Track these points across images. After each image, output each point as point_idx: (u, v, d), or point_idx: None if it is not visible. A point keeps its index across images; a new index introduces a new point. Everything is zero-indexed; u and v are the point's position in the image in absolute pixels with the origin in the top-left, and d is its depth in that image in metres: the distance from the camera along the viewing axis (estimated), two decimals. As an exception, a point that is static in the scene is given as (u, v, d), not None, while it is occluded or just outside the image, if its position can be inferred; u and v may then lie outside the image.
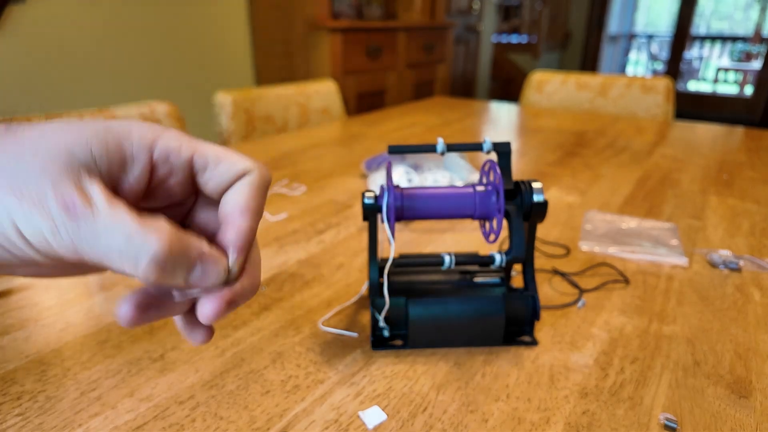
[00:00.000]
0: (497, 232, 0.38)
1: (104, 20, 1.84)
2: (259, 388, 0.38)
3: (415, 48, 2.73)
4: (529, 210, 0.39)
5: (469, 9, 3.68)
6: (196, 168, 0.22)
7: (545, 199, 0.39)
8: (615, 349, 0.43)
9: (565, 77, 1.67)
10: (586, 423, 0.35)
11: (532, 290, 0.43)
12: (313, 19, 2.19)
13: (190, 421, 0.35)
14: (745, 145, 1.16)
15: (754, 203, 0.78)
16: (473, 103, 1.69)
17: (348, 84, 2.32)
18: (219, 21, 2.24)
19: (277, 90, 1.39)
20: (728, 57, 5.93)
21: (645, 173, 0.93)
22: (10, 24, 1.61)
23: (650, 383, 0.39)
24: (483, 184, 0.41)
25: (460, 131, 1.28)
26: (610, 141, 1.18)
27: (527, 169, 0.95)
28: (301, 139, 1.19)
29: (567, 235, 0.65)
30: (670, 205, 0.77)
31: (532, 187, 0.39)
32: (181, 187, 0.22)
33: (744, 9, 5.99)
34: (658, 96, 1.52)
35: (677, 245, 0.62)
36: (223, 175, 0.22)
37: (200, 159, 0.21)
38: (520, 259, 0.40)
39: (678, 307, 0.49)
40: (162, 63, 2.06)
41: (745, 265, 0.58)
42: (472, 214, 0.39)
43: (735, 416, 0.36)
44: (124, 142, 0.19)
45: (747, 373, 0.40)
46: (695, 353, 0.43)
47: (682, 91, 5.60)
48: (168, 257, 0.18)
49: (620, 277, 0.55)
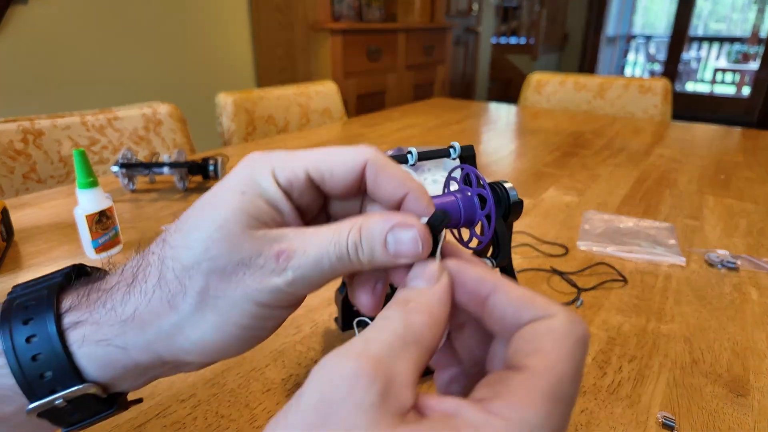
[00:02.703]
0: (487, 238, 0.37)
1: (106, 21, 1.84)
2: (260, 387, 0.38)
3: (414, 49, 2.74)
4: (508, 211, 0.39)
5: (468, 11, 3.69)
6: (317, 181, 0.22)
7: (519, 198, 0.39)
8: (613, 348, 0.43)
9: (563, 78, 1.67)
10: (585, 421, 0.35)
11: None
12: (314, 20, 2.20)
13: (192, 419, 0.35)
14: (743, 145, 1.17)
15: (751, 203, 0.78)
16: (472, 105, 1.70)
17: (348, 85, 2.33)
18: (220, 22, 2.24)
19: (278, 91, 1.39)
20: (726, 58, 5.95)
21: (643, 173, 0.93)
22: (12, 24, 1.61)
23: (648, 382, 0.39)
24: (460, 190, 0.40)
25: (459, 132, 1.28)
26: (608, 141, 1.18)
27: (526, 170, 0.96)
28: (301, 139, 1.19)
29: (565, 235, 0.66)
30: (667, 205, 0.77)
31: (506, 187, 0.39)
32: (315, 201, 0.23)
33: (741, 10, 6.01)
34: (656, 97, 1.53)
35: (675, 245, 0.62)
36: (344, 179, 0.22)
37: (315, 172, 0.22)
38: (507, 261, 0.40)
39: (676, 306, 0.50)
40: (164, 64, 2.07)
41: (742, 264, 0.58)
42: (458, 223, 0.38)
43: (732, 414, 0.36)
44: (262, 194, 0.21)
45: (744, 371, 0.41)
46: (693, 352, 0.43)
47: (680, 91, 5.62)
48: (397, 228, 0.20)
49: (618, 276, 0.55)
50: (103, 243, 0.58)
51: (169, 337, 0.20)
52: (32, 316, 0.21)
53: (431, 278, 0.19)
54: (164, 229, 0.66)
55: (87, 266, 0.25)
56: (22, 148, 0.92)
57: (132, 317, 0.21)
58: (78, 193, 0.56)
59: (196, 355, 0.21)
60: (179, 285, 0.20)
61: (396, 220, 0.20)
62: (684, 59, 5.62)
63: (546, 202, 0.78)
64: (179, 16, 2.08)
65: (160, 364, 0.22)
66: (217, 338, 0.21)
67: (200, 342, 0.21)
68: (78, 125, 1.00)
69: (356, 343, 0.16)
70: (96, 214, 0.56)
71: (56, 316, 0.21)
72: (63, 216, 0.71)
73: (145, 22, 1.97)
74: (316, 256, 0.20)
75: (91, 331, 0.21)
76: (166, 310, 0.20)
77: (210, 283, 0.20)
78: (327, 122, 1.50)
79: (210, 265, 0.20)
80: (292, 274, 0.20)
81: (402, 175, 0.22)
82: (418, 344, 0.17)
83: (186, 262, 0.20)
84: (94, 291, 0.22)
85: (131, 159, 0.81)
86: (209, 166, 0.81)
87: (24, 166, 0.92)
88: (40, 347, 0.20)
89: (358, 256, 0.20)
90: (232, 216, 0.20)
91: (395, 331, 0.17)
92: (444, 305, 0.19)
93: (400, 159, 0.38)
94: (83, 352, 0.21)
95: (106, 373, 0.21)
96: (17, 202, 0.76)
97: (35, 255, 0.59)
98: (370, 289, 0.23)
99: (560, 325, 0.17)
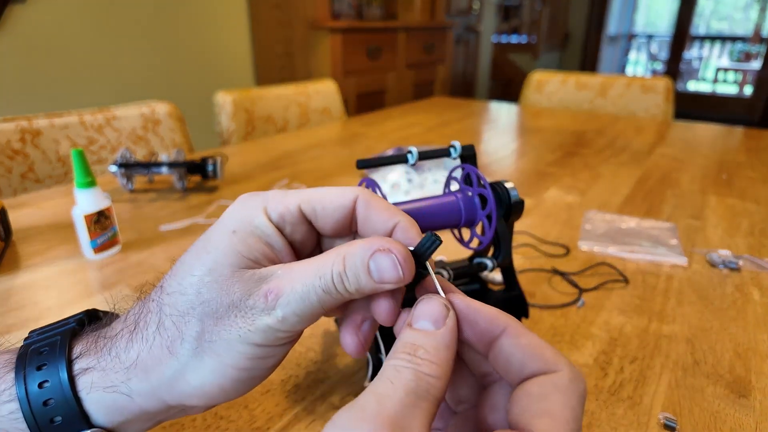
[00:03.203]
0: (487, 238, 0.37)
1: (104, 20, 1.84)
2: (260, 388, 0.38)
3: (415, 48, 2.73)
4: (508, 211, 0.39)
5: (468, 9, 3.69)
6: (309, 216, 0.23)
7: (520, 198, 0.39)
8: (614, 348, 0.43)
9: (564, 77, 1.67)
10: (586, 422, 0.35)
11: (518, 289, 0.43)
12: (314, 19, 2.19)
13: (191, 419, 0.35)
14: (745, 145, 1.17)
15: (753, 203, 0.78)
16: (473, 104, 1.69)
17: (348, 84, 2.33)
18: (219, 21, 2.24)
19: (277, 90, 1.39)
20: (728, 57, 5.94)
21: (644, 173, 0.93)
22: (10, 24, 1.61)
23: (650, 383, 0.39)
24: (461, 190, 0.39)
25: (459, 131, 1.28)
26: (609, 141, 1.18)
27: (527, 169, 0.95)
28: (301, 139, 1.19)
29: (566, 235, 0.65)
30: (669, 204, 0.77)
31: (507, 187, 0.39)
32: (308, 237, 0.24)
33: (743, 9, 5.99)
34: (658, 96, 1.52)
35: (677, 245, 0.62)
36: (334, 214, 0.23)
37: (307, 207, 0.23)
38: (509, 261, 0.40)
39: (677, 306, 0.50)
40: (162, 63, 2.07)
41: (744, 264, 0.58)
42: (458, 223, 0.38)
43: (734, 415, 0.36)
44: (254, 231, 0.22)
45: (746, 372, 0.40)
46: (695, 353, 0.43)
47: (682, 91, 5.61)
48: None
49: (620, 276, 0.55)
50: (102, 243, 0.58)
51: (171, 382, 0.21)
52: (45, 362, 0.21)
53: (439, 319, 0.19)
54: (163, 230, 0.66)
55: (99, 311, 0.26)
56: (20, 148, 0.92)
57: (135, 364, 0.21)
58: (76, 193, 0.56)
59: (198, 399, 0.21)
60: (177, 331, 0.21)
61: (376, 246, 0.20)
62: (686, 58, 5.61)
63: (547, 202, 0.78)
64: (177, 15, 2.08)
65: (166, 409, 0.22)
66: (216, 382, 0.21)
67: (201, 386, 0.21)
68: (76, 125, 1.00)
69: (370, 401, 0.16)
70: (94, 214, 0.56)
71: (68, 362, 0.21)
72: (61, 216, 0.71)
73: (144, 21, 1.97)
74: (303, 292, 0.20)
75: (98, 378, 0.21)
76: (167, 356, 0.21)
77: (205, 327, 0.20)
78: (326, 121, 1.50)
79: (203, 309, 0.20)
80: (282, 312, 0.20)
81: (391, 207, 0.23)
82: (429, 397, 0.17)
83: (181, 308, 0.21)
84: (102, 338, 0.22)
85: (130, 159, 0.81)
86: (208, 165, 0.81)
87: (22, 165, 0.92)
88: (52, 393, 0.21)
89: (345, 286, 0.20)
90: (222, 258, 0.21)
91: (407, 386, 0.17)
92: (452, 350, 0.19)
93: (400, 158, 0.38)
94: (91, 398, 0.21)
95: (114, 418, 0.22)
96: (15, 202, 0.76)
97: (33, 255, 0.59)
98: (355, 331, 0.23)
99: (565, 384, 0.18)
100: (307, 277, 0.20)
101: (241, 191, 0.82)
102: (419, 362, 0.18)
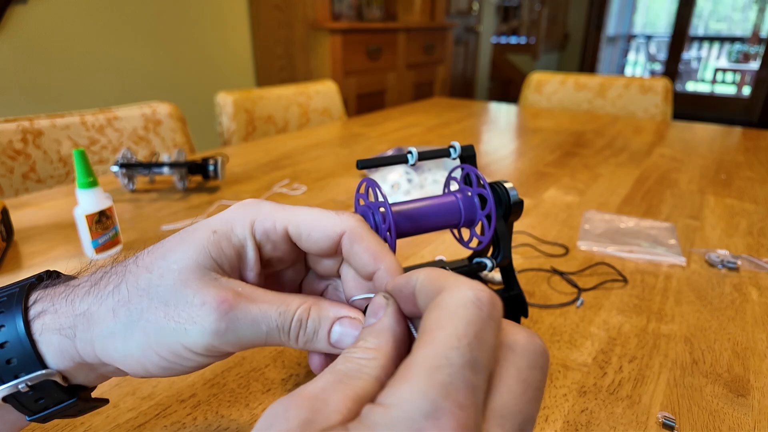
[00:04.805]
0: (487, 238, 0.37)
1: (105, 20, 1.84)
2: (261, 387, 0.38)
3: (414, 49, 2.73)
4: (508, 211, 0.39)
5: (468, 10, 3.69)
6: (294, 239, 0.23)
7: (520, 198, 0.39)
8: (613, 348, 0.43)
9: (563, 78, 1.67)
10: (585, 421, 0.35)
11: (517, 289, 0.43)
12: (314, 20, 2.20)
13: (192, 419, 0.35)
14: (743, 145, 1.17)
15: (751, 203, 0.78)
16: (472, 104, 1.69)
17: (348, 84, 2.33)
18: (220, 22, 2.24)
19: (277, 90, 1.39)
20: (726, 58, 5.95)
21: (643, 173, 0.93)
22: (11, 24, 1.61)
23: (648, 382, 0.39)
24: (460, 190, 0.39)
25: (459, 132, 1.28)
26: (608, 141, 1.18)
27: (526, 169, 0.96)
28: (301, 139, 1.19)
29: (565, 235, 0.66)
30: (668, 204, 0.77)
31: (506, 187, 0.39)
32: (290, 254, 0.24)
33: (742, 10, 6.00)
34: (657, 96, 1.53)
35: (675, 245, 0.62)
36: (318, 242, 0.23)
37: (294, 230, 0.23)
38: (508, 261, 0.40)
39: (676, 306, 0.50)
40: (163, 63, 2.07)
41: (742, 264, 0.58)
42: (458, 223, 0.38)
43: (733, 415, 0.36)
44: (231, 237, 0.23)
45: (745, 371, 0.40)
46: (693, 352, 0.43)
47: (681, 91, 5.61)
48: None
49: (619, 276, 0.55)
50: (103, 243, 0.58)
51: (104, 342, 0.22)
52: (3, 309, 0.23)
53: (377, 312, 0.20)
54: (164, 229, 0.67)
55: (61, 273, 0.27)
56: (22, 148, 0.92)
57: (84, 314, 0.22)
58: (78, 193, 0.56)
59: (122, 365, 0.22)
60: (127, 299, 0.22)
61: (347, 314, 0.21)
62: (684, 59, 5.62)
63: (546, 202, 0.78)
64: (178, 16, 2.08)
65: (101, 364, 0.23)
66: (138, 358, 0.22)
67: (123, 357, 0.22)
68: (77, 125, 1.00)
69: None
70: (96, 214, 0.56)
71: (24, 309, 0.23)
72: (63, 216, 0.71)
73: (145, 22, 1.97)
74: (256, 318, 0.21)
75: (50, 320, 0.22)
76: (110, 316, 0.22)
77: (151, 306, 0.21)
78: (327, 122, 1.50)
79: (158, 292, 0.21)
80: (226, 325, 0.21)
81: (377, 249, 0.23)
82: (362, 375, 0.17)
83: (142, 284, 0.22)
84: (62, 285, 0.24)
85: (131, 159, 0.81)
86: (209, 165, 0.81)
87: (23, 165, 0.92)
88: (8, 336, 0.22)
89: (297, 334, 0.21)
90: (193, 253, 0.22)
91: (334, 369, 0.17)
92: (390, 330, 0.19)
93: (400, 159, 0.38)
94: (44, 340, 0.22)
95: (64, 363, 0.23)
96: (17, 202, 0.76)
97: (35, 255, 0.59)
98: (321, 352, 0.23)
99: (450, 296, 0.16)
100: (268, 307, 0.21)
101: (241, 191, 0.82)
102: (352, 350, 0.18)
